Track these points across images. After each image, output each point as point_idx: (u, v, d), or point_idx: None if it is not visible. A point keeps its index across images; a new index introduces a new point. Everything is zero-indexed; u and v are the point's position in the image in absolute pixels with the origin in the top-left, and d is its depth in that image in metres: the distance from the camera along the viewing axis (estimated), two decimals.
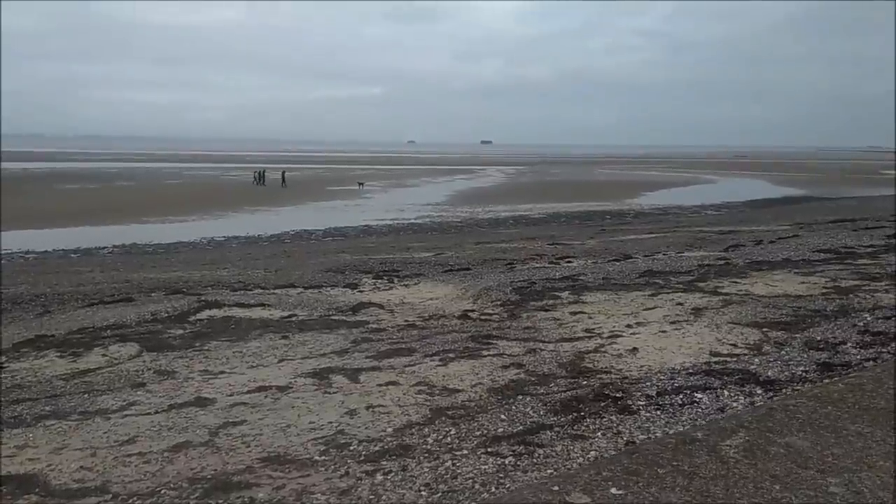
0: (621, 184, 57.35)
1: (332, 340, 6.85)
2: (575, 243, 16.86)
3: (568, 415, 4.34)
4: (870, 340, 5.84)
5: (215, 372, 5.86)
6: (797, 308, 7.44)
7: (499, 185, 56.56)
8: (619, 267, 11.55)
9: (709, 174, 75.47)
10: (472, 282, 10.53)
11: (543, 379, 5.23)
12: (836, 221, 19.24)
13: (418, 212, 34.04)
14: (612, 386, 4.92)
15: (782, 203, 38.63)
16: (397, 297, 9.60)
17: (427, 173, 73.93)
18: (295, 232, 26.06)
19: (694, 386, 4.78)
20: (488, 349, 6.25)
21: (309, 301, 9.24)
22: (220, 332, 7.46)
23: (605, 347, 6.19)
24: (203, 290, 10.55)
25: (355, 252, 16.93)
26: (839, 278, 9.29)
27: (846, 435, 2.47)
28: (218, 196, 40.74)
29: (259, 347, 6.69)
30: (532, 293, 9.27)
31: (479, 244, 18.01)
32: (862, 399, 2.83)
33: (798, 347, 5.76)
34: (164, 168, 74.01)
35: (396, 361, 5.88)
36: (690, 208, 35.93)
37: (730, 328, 6.67)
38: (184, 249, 21.40)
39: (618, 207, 36.49)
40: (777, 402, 2.97)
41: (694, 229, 20.35)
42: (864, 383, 2.92)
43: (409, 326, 7.54)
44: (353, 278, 11.37)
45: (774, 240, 14.68)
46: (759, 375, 4.95)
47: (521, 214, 32.59)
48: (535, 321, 7.54)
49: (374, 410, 4.65)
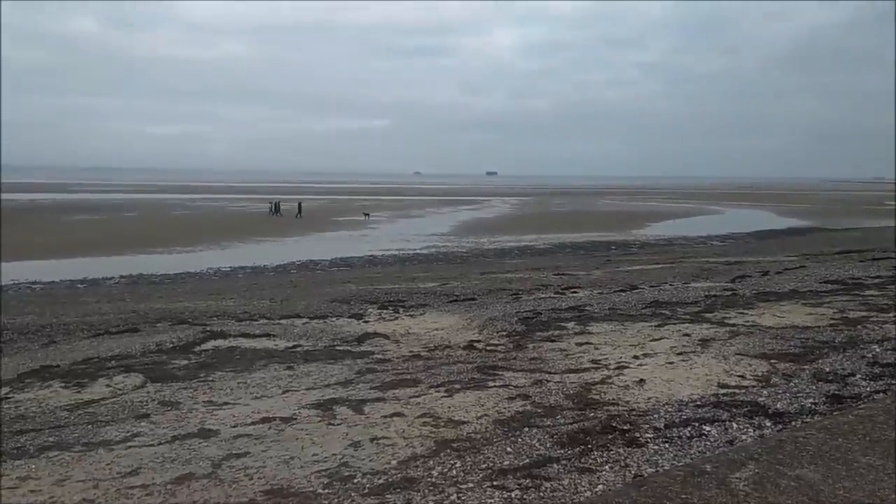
0: (625, 214, 57.47)
1: (336, 371, 6.82)
2: (580, 274, 16.84)
3: (575, 447, 4.29)
4: (879, 372, 5.77)
5: (219, 403, 5.83)
6: (805, 339, 7.38)
7: (503, 216, 56.75)
8: (625, 297, 11.50)
9: (713, 205, 75.58)
10: (478, 312, 10.49)
11: (550, 411, 5.18)
12: (843, 252, 19.19)
13: (424, 242, 34.13)
14: (620, 418, 4.86)
15: (788, 234, 38.58)
16: (402, 327, 9.57)
17: (432, 204, 74.27)
18: (301, 262, 26.13)
19: (702, 418, 4.73)
20: (494, 380, 6.20)
21: (314, 331, 9.22)
22: (224, 362, 7.44)
23: (612, 379, 6.14)
24: (208, 320, 10.55)
25: (361, 282, 16.94)
26: (847, 309, 9.22)
27: (857, 468, 2.44)
28: (224, 227, 40.97)
29: (263, 378, 6.66)
30: (538, 324, 9.23)
31: (485, 274, 18.01)
32: (873, 431, 2.79)
33: (807, 379, 5.70)
34: (171, 199, 74.58)
35: (401, 392, 5.84)
36: (696, 239, 35.92)
37: (737, 359, 6.61)
38: (190, 280, 21.46)
39: (623, 238, 36.49)
40: (786, 434, 2.93)
41: (700, 260, 20.31)
42: (875, 415, 2.88)
43: (415, 357, 7.50)
44: (358, 308, 11.36)
45: (781, 271, 14.62)
46: (768, 407, 4.89)
47: (526, 245, 32.63)
48: (540, 352, 7.49)
49: (379, 442, 4.60)
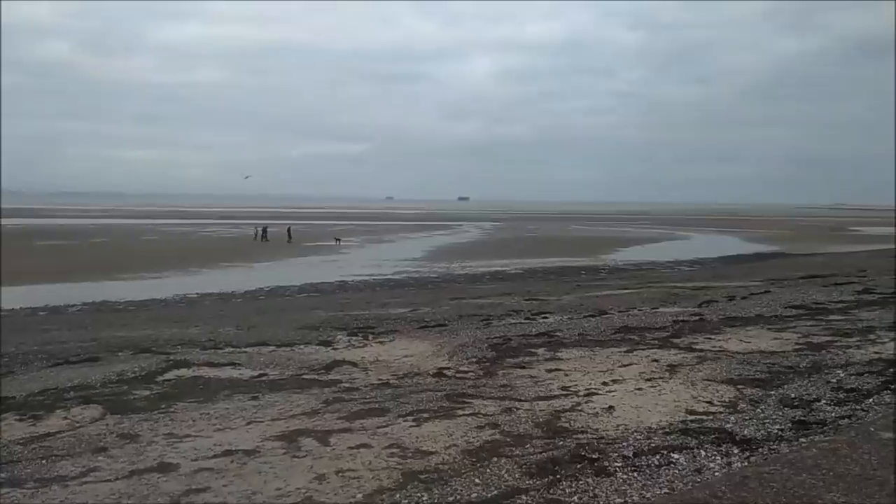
0: (596, 240, 58.05)
1: (303, 401, 6.68)
2: (551, 299, 16.87)
3: (544, 478, 4.24)
4: (843, 397, 5.84)
5: (180, 435, 5.67)
6: (771, 364, 7.45)
7: (475, 241, 56.93)
8: (595, 323, 11.54)
9: (681, 230, 76.79)
10: (448, 338, 10.43)
11: (519, 439, 5.13)
12: (807, 277, 19.52)
13: (395, 267, 34.01)
14: (589, 446, 4.83)
15: (754, 259, 39.23)
16: (372, 354, 9.46)
17: (404, 229, 74.30)
18: (269, 288, 25.80)
19: (671, 446, 4.72)
20: (463, 408, 6.14)
21: (281, 360, 9.06)
22: (187, 392, 7.25)
23: (582, 406, 6.12)
24: (172, 348, 10.31)
25: (330, 308, 16.76)
26: (811, 334, 9.36)
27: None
28: (192, 252, 40.40)
29: (227, 409, 6.50)
30: (508, 350, 9.20)
31: (456, 300, 17.95)
32: (836, 465, 2.79)
33: (773, 405, 5.74)
34: (141, 224, 73.50)
35: (369, 422, 5.74)
36: (664, 264, 36.34)
37: (705, 385, 6.65)
38: (155, 307, 21.04)
39: (593, 263, 36.78)
40: (751, 469, 2.91)
41: (668, 285, 20.50)
42: (839, 448, 2.88)
43: (383, 385, 7.40)
44: (327, 335, 11.20)
45: (747, 295, 14.81)
46: (736, 434, 4.90)
47: (497, 270, 32.68)
48: (510, 379, 7.45)
49: (344, 475, 4.50)
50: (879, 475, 2.73)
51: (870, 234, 71.58)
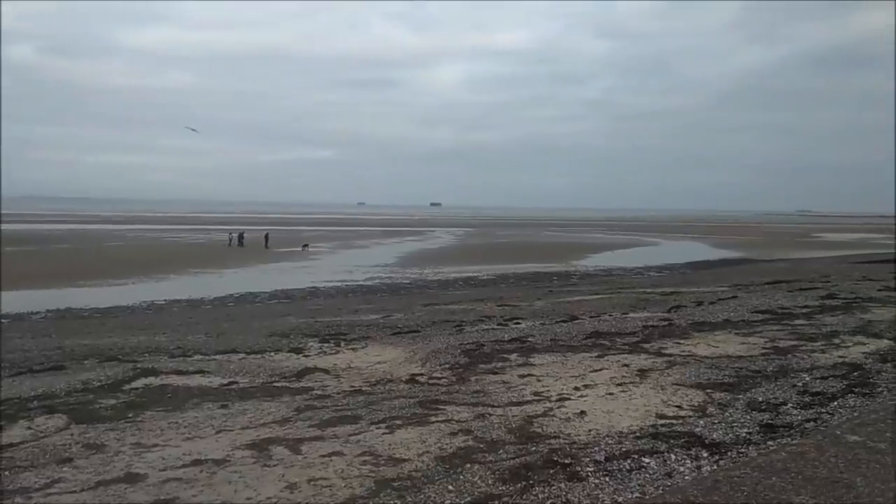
0: (567, 246, 58.47)
1: (273, 409, 6.61)
2: (523, 304, 16.93)
3: (517, 483, 4.24)
4: (809, 401, 5.96)
5: (148, 445, 5.56)
6: (739, 369, 7.58)
7: (448, 247, 56.95)
8: (567, 328, 11.61)
9: (651, 237, 77.74)
10: (421, 344, 10.41)
11: (492, 445, 5.13)
12: (772, 283, 19.89)
13: (367, 273, 33.85)
14: (561, 452, 4.85)
15: (721, 265, 39.86)
16: (344, 361, 9.40)
17: (376, 235, 74.05)
18: (239, 295, 25.48)
19: (641, 450, 4.76)
20: (436, 415, 6.12)
21: (251, 367, 8.95)
22: (155, 401, 7.12)
23: (554, 411, 6.15)
24: (139, 356, 10.13)
25: (301, 315, 16.62)
26: (777, 339, 9.54)
27: None
28: (160, 258, 39.75)
29: (196, 418, 6.39)
30: (481, 356, 9.21)
31: (428, 306, 17.92)
32: (805, 468, 2.84)
33: (741, 408, 5.83)
34: (108, 230, 72.12)
35: (341, 430, 5.69)
36: (634, 270, 36.75)
37: (675, 389, 6.73)
38: (121, 314, 20.63)
39: (564, 269, 37.03)
40: (722, 473, 2.95)
41: (638, 290, 20.72)
42: (807, 451, 2.94)
43: (356, 392, 7.35)
44: (298, 342, 11.11)
45: (715, 301, 15.04)
46: (705, 438, 4.97)
47: (469, 276, 32.73)
48: (483, 385, 7.46)
49: (316, 484, 4.45)
50: (846, 478, 2.79)
51: (833, 240, 73.27)
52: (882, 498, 2.58)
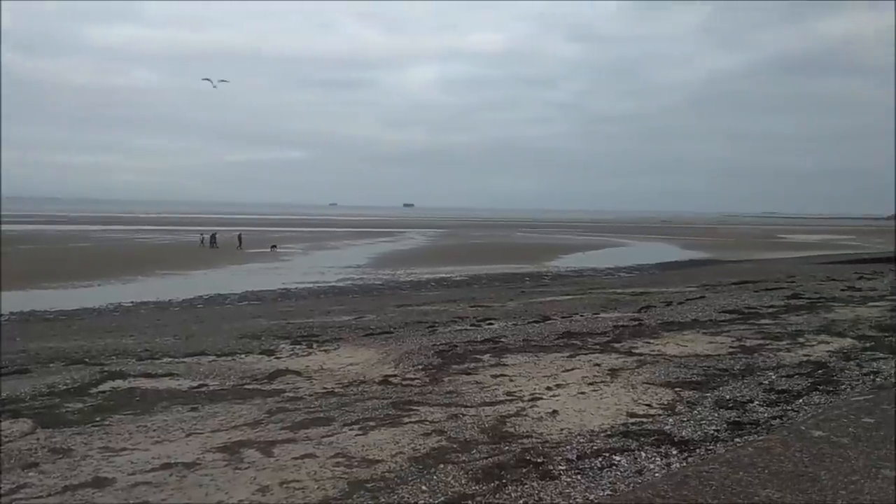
0: (539, 247, 58.84)
1: (245, 411, 6.55)
2: (496, 305, 17.01)
3: (490, 483, 4.27)
4: (775, 398, 6.09)
5: (116, 449, 5.47)
6: (707, 367, 7.71)
7: (420, 248, 56.92)
8: (539, 329, 11.69)
9: (621, 238, 78.60)
10: (394, 345, 10.39)
11: (465, 445, 5.15)
12: (739, 283, 20.26)
13: (339, 274, 33.68)
14: (534, 451, 4.89)
15: (689, 266, 40.45)
16: (316, 363, 9.34)
17: (348, 236, 73.71)
18: (209, 296, 25.15)
19: (612, 448, 4.82)
20: (410, 416, 6.13)
21: (221, 370, 8.85)
22: (123, 405, 7.01)
23: (527, 411, 6.19)
24: (107, 359, 9.97)
25: (272, 317, 16.49)
26: (744, 338, 9.72)
27: (758, 501, 2.53)
28: (127, 259, 39.09)
29: (166, 421, 6.31)
30: (454, 356, 9.23)
31: (401, 307, 17.91)
32: (771, 463, 2.92)
33: (709, 406, 5.93)
34: (73, 231, 70.65)
35: (313, 432, 5.67)
36: (604, 270, 37.12)
37: (645, 388, 6.82)
38: (88, 316, 20.25)
39: (536, 270, 37.25)
40: (691, 469, 3.02)
41: (608, 291, 20.96)
42: (773, 447, 3.01)
43: (328, 394, 7.31)
44: (269, 344, 11.02)
45: (683, 301, 15.27)
46: (674, 436, 5.05)
47: (442, 277, 32.75)
48: (456, 385, 7.47)
49: (289, 486, 4.43)
50: (811, 472, 2.86)
51: (798, 241, 74.87)
52: (845, 490, 2.66)
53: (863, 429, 3.37)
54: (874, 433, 3.28)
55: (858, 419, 3.51)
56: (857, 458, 2.95)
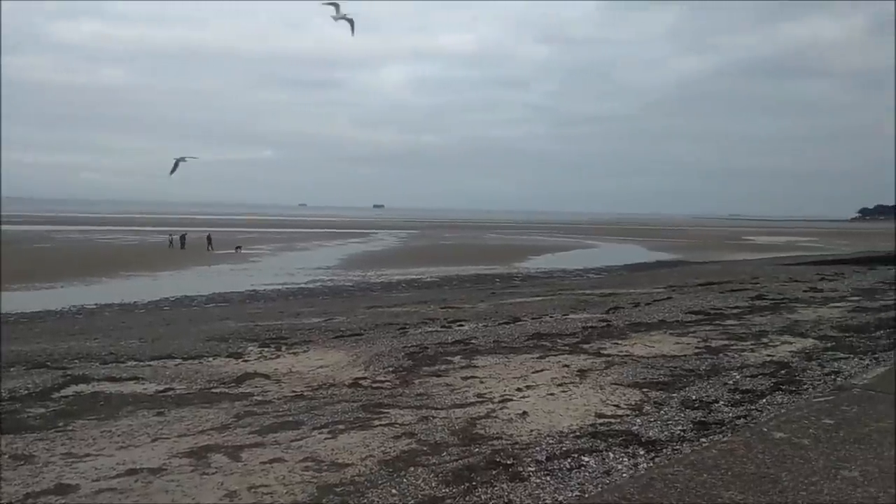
0: (510, 248, 59.16)
1: (212, 415, 6.46)
2: (466, 307, 17.04)
3: (460, 485, 4.27)
4: (739, 398, 6.20)
5: (80, 455, 5.36)
6: (673, 368, 7.82)
7: (391, 249, 56.82)
8: (509, 330, 11.74)
9: (590, 239, 79.41)
10: (364, 348, 10.35)
11: (435, 448, 5.15)
12: (705, 284, 20.58)
13: (309, 276, 33.45)
14: (504, 452, 4.91)
15: (657, 267, 41.01)
16: (285, 366, 9.26)
17: (318, 237, 73.23)
18: (175, 298, 24.80)
19: (581, 449, 4.87)
20: (380, 419, 6.11)
21: (188, 373, 8.72)
22: (87, 409, 6.87)
23: (497, 412, 6.21)
24: (70, 363, 9.75)
25: (240, 319, 16.29)
26: (710, 338, 9.88)
27: (721, 502, 2.59)
28: (91, 260, 38.30)
29: (131, 426, 6.19)
30: (424, 358, 9.22)
31: (371, 308, 17.84)
32: (734, 465, 2.97)
33: (676, 407, 6.02)
34: (35, 231, 68.99)
35: (282, 436, 5.61)
36: (574, 272, 37.45)
37: (613, 389, 6.90)
38: (50, 318, 19.81)
39: (507, 271, 37.45)
40: (657, 471, 3.06)
41: (578, 292, 21.13)
42: (736, 448, 3.07)
43: (297, 397, 7.25)
44: (237, 347, 10.88)
45: (651, 302, 15.47)
46: (642, 436, 5.11)
47: (413, 278, 32.74)
48: (427, 387, 7.47)
49: (257, 490, 4.38)
50: (773, 473, 2.93)
51: (762, 243, 76.43)
52: (805, 491, 2.72)
53: (823, 430, 3.45)
54: (834, 434, 3.36)
55: (819, 420, 3.60)
56: (818, 460, 3.02)
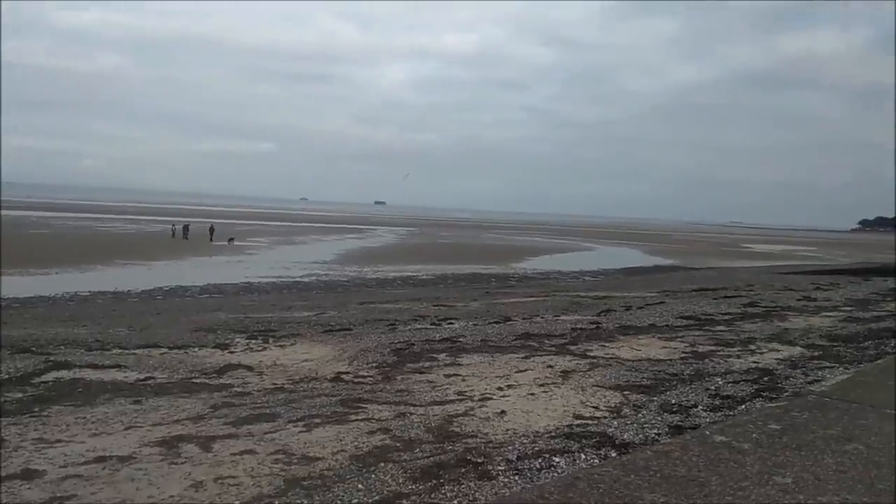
0: (507, 248, 59.07)
1: (189, 405, 6.42)
2: (459, 305, 17.00)
3: (427, 482, 4.24)
4: (719, 404, 6.16)
5: (51, 440, 5.32)
6: (657, 372, 7.78)
7: (389, 246, 56.73)
8: (498, 329, 11.71)
9: (588, 242, 79.31)
10: (352, 343, 10.32)
11: (409, 444, 5.11)
12: (699, 290, 20.54)
13: (305, 270, 33.37)
14: (476, 451, 4.87)
15: (653, 271, 40.95)
16: (270, 358, 9.23)
17: (317, 231, 73.14)
18: (169, 288, 24.73)
19: (553, 449, 4.83)
20: (357, 413, 6.07)
21: (171, 362, 8.69)
22: (64, 395, 6.84)
23: (475, 410, 6.17)
24: (55, 349, 9.72)
25: (232, 310, 16.25)
26: (697, 343, 9.84)
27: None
28: (87, 248, 38.22)
29: (106, 413, 6.16)
30: (410, 355, 9.19)
31: (364, 304, 17.80)
32: (664, 467, 2.92)
33: (654, 410, 5.98)
34: (30, 217, 68.88)
35: (256, 428, 5.58)
36: (570, 273, 37.38)
37: (594, 391, 6.86)
38: (42, 304, 19.75)
39: (503, 271, 37.38)
40: (583, 472, 3.02)
41: (572, 294, 21.09)
42: (672, 450, 3.02)
43: (277, 390, 7.22)
44: (224, 338, 10.86)
45: (643, 306, 15.44)
46: (616, 438, 5.07)
47: (409, 275, 32.67)
48: (409, 384, 7.44)
49: (224, 482, 4.34)
50: (702, 477, 2.88)
51: (760, 251, 76.34)
52: (731, 496, 2.68)
53: (766, 435, 3.38)
54: (777, 440, 3.30)
55: (765, 425, 3.53)
56: (753, 465, 2.96)
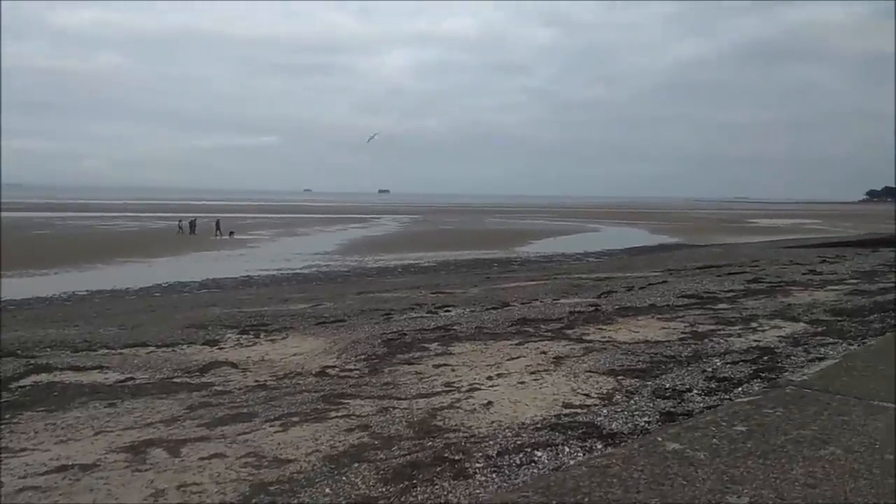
0: (511, 232, 58.74)
1: (164, 407, 6.19)
2: (458, 292, 16.75)
3: (399, 484, 3.99)
4: (714, 387, 5.89)
5: (15, 450, 5.10)
6: (654, 354, 7.51)
7: (392, 234, 56.50)
8: (495, 315, 11.45)
9: (592, 223, 78.84)
10: (344, 334, 10.08)
11: (387, 442, 4.86)
12: (703, 268, 20.20)
13: (305, 261, 33.19)
14: (455, 447, 4.62)
15: (658, 250, 40.56)
16: (258, 354, 9.00)
17: (320, 222, 72.97)
18: (168, 284, 24.58)
19: (536, 443, 4.57)
20: (338, 410, 5.83)
21: (156, 362, 8.47)
22: (39, 400, 6.62)
23: (461, 402, 5.92)
24: (40, 351, 9.52)
25: (227, 305, 16.04)
26: (697, 323, 9.56)
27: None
28: (88, 247, 38.12)
29: (78, 418, 5.93)
30: (401, 345, 8.95)
31: (361, 294, 17.57)
32: (598, 488, 2.62)
33: (647, 396, 5.71)
34: (33, 217, 68.91)
35: (231, 429, 5.34)
36: (573, 256, 37.07)
37: (587, 377, 6.59)
38: (38, 305, 19.62)
39: (506, 255, 37.09)
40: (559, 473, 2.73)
41: (574, 276, 20.80)
42: (612, 464, 2.71)
43: (259, 387, 6.98)
44: (215, 334, 10.63)
45: (645, 286, 15.13)
46: (603, 428, 4.81)
47: (410, 263, 32.44)
48: (395, 376, 7.19)
49: (186, 489, 4.11)
50: (640, 499, 2.56)
51: (766, 226, 75.78)
52: None
53: (728, 440, 2.95)
54: (740, 445, 2.94)
55: (730, 427, 3.11)
56: (706, 480, 2.52)
